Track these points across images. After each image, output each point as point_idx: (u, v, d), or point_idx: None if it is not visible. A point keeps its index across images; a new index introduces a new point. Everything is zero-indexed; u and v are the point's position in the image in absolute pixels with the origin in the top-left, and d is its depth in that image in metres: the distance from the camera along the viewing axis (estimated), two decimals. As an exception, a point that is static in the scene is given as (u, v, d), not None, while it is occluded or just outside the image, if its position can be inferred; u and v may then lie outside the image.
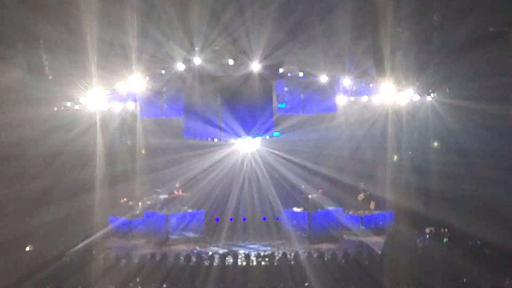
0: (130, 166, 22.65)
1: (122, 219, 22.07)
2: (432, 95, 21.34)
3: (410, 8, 19.88)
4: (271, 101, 21.45)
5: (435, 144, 21.53)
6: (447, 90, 21.05)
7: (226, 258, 17.71)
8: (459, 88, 20.41)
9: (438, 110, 21.19)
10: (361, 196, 22.75)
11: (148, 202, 22.77)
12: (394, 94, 21.48)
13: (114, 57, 20.65)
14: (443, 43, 20.17)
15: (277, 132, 22.10)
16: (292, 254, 18.08)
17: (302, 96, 21.67)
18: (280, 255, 18.01)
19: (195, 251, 19.76)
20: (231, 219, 22.84)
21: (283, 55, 20.89)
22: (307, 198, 22.03)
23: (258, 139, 22.39)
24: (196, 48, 20.49)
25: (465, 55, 19.58)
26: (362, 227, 21.81)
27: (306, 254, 17.82)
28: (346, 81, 21.31)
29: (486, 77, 19.45)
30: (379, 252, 18.26)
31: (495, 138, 19.88)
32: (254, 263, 17.48)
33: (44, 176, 20.27)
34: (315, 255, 17.82)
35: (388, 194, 22.20)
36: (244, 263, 17.51)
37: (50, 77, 20.62)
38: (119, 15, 20.07)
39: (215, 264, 17.29)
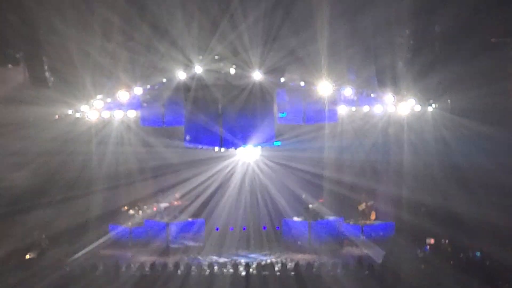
0: (131, 175, 22.65)
1: (122, 227, 22.07)
2: (433, 105, 21.35)
3: (412, 18, 19.90)
4: (272, 111, 21.50)
5: (436, 154, 21.49)
6: (448, 101, 21.07)
7: (226, 268, 17.67)
8: (460, 99, 20.40)
9: (439, 121, 21.20)
10: (362, 206, 22.74)
11: (149, 211, 22.78)
12: (395, 104, 21.51)
13: (116, 65, 20.68)
14: (445, 54, 20.19)
15: (278, 142, 22.12)
16: (292, 264, 18.05)
17: (303, 105, 21.69)
18: (280, 265, 17.98)
19: (195, 260, 19.73)
20: (231, 228, 22.82)
21: (285, 65, 20.89)
22: (308, 207, 22.05)
23: (259, 148, 22.42)
24: (197, 57, 20.50)
25: (467, 65, 19.60)
26: (363, 237, 21.76)
27: (306, 264, 17.76)
28: (347, 91, 21.32)
29: (488, 88, 19.47)
30: (380, 263, 18.21)
31: (496, 149, 19.90)
32: (254, 272, 17.43)
33: (44, 184, 20.28)
34: (315, 265, 17.77)
35: (389, 204, 22.22)
36: (244, 273, 17.46)
37: (51, 84, 20.63)
38: (122, 24, 20.10)
39: (215, 273, 17.23)
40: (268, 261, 19.11)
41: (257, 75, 20.64)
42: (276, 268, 17.65)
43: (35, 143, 20.03)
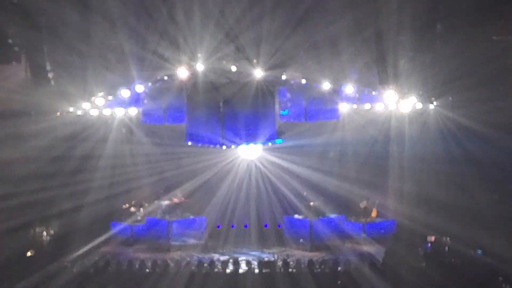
0: (132, 172, 22.66)
1: (123, 225, 22.10)
2: (434, 103, 21.32)
3: (414, 16, 19.87)
4: (273, 108, 21.48)
5: (438, 152, 21.45)
6: (450, 98, 21.03)
7: (228, 265, 17.67)
8: (462, 97, 20.38)
9: (440, 118, 21.17)
10: (363, 204, 22.73)
11: (150, 208, 22.80)
12: (397, 102, 21.47)
13: (117, 62, 20.69)
14: (446, 51, 20.17)
15: (279, 139, 22.09)
16: (294, 262, 18.05)
17: (304, 103, 21.69)
18: (281, 263, 17.98)
19: (196, 257, 19.74)
20: (232, 226, 22.82)
21: (286, 62, 20.87)
22: (309, 205, 22.04)
23: (260, 146, 22.39)
24: (199, 55, 20.48)
25: (469, 63, 19.58)
26: (364, 235, 21.78)
27: (308, 261, 17.76)
28: (349, 89, 21.28)
29: (490, 85, 19.45)
30: (381, 261, 18.21)
31: (497, 148, 19.90)
32: (256, 270, 17.43)
33: (45, 181, 20.27)
34: (317, 262, 17.77)
35: (390, 202, 22.22)
36: (245, 270, 17.47)
37: (52, 81, 20.64)
38: (123, 21, 20.10)
39: (216, 271, 17.24)
40: (270, 258, 19.11)
41: (258, 73, 20.62)
42: (278, 266, 17.65)
43: (35, 140, 20.03)
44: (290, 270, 17.32)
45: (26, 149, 19.90)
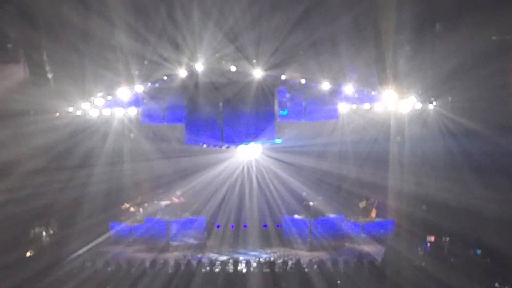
0: (131, 172, 22.66)
1: (123, 225, 22.13)
2: (434, 103, 21.31)
3: (413, 16, 19.88)
4: (273, 108, 21.49)
5: (437, 152, 21.44)
6: (450, 98, 21.03)
7: (227, 265, 17.67)
8: (461, 97, 20.37)
9: (440, 118, 21.17)
10: (362, 204, 22.74)
11: (149, 208, 22.80)
12: (396, 102, 21.46)
13: (116, 63, 20.68)
14: (446, 52, 20.16)
15: (279, 139, 22.10)
16: (293, 261, 18.05)
17: (304, 103, 21.69)
18: (281, 262, 17.98)
19: (196, 257, 19.72)
20: (232, 226, 22.82)
21: (286, 62, 20.88)
22: (309, 205, 22.04)
23: (260, 146, 22.40)
24: (198, 55, 20.49)
25: (468, 63, 19.57)
26: (363, 235, 21.79)
27: (307, 261, 17.74)
28: (348, 89, 21.28)
29: (489, 86, 19.45)
30: (380, 260, 18.21)
31: (497, 147, 19.88)
32: (255, 270, 17.43)
33: (43, 181, 20.26)
34: (316, 262, 17.77)
35: (389, 202, 22.21)
36: (245, 270, 17.47)
37: (52, 82, 20.63)
38: (122, 21, 20.10)
39: (216, 271, 17.24)
40: (269, 258, 19.10)
41: (258, 73, 20.62)
42: (277, 266, 17.65)
43: (33, 140, 20.02)
44: (289, 270, 17.30)
45: (24, 149, 19.87)
